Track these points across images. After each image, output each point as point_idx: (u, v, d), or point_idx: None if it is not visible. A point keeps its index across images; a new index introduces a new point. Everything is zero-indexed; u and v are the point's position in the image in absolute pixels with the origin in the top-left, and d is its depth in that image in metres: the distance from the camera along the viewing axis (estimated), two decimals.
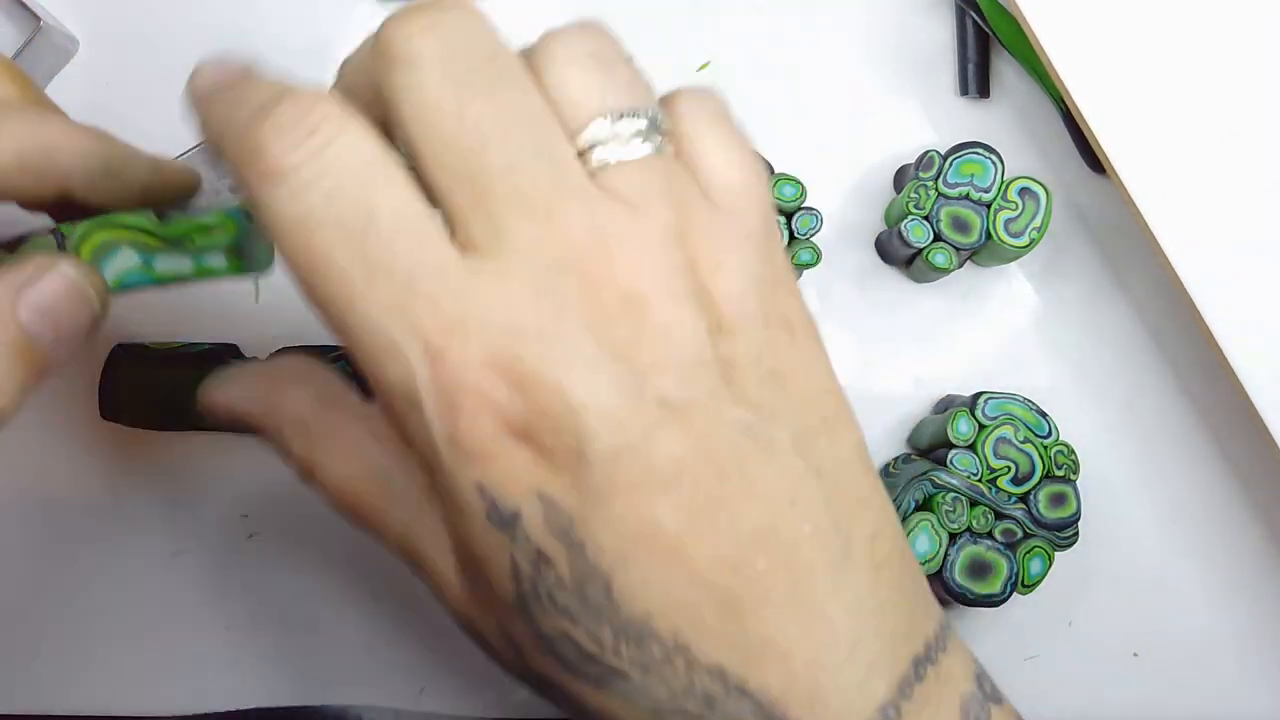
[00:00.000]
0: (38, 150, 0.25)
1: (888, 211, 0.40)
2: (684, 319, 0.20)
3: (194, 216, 0.26)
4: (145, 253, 0.26)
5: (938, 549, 0.34)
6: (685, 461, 0.19)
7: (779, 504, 0.20)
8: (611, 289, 0.19)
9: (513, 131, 0.20)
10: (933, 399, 0.39)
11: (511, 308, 0.19)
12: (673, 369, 0.20)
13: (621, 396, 0.19)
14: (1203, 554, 0.39)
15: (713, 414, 0.20)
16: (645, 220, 0.20)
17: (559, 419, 0.19)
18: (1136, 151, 0.34)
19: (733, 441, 0.20)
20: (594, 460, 0.19)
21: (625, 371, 0.19)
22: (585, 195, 0.20)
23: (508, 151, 0.20)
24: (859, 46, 0.40)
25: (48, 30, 0.39)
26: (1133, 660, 0.39)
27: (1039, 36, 0.35)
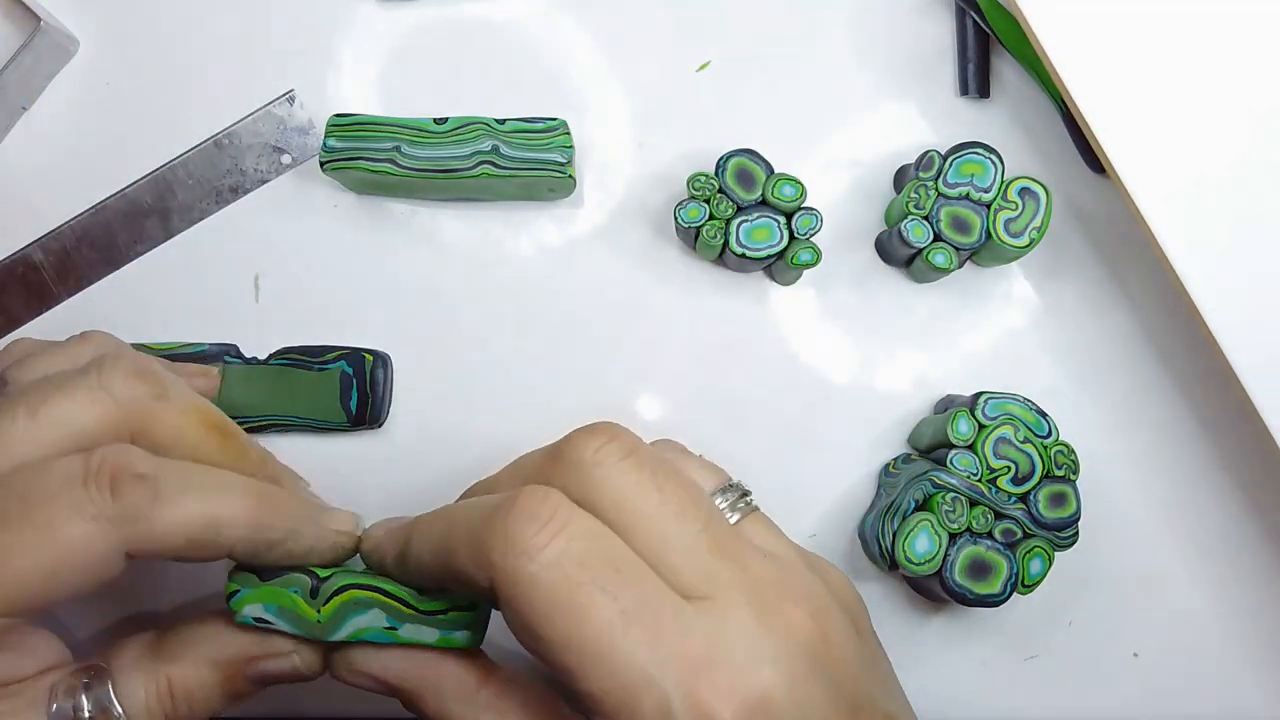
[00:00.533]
0: (208, 527, 0.27)
1: (888, 211, 0.40)
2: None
3: (449, 597, 0.29)
4: (394, 618, 0.28)
5: (938, 549, 0.34)
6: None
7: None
8: (797, 613, 0.26)
9: (697, 495, 0.27)
10: (933, 399, 0.39)
11: (742, 639, 0.25)
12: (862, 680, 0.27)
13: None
14: (1203, 554, 0.39)
15: None
16: (783, 565, 0.28)
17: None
18: (1136, 151, 0.34)
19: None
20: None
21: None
22: (752, 547, 0.28)
23: (702, 505, 0.27)
24: (859, 46, 0.40)
25: (48, 30, 0.39)
26: (1133, 660, 0.39)
27: (1039, 36, 0.35)
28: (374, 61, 0.41)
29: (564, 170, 0.37)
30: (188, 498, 0.26)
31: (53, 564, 0.25)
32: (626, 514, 0.26)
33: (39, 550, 0.25)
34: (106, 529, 0.25)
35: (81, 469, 0.26)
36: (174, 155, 0.40)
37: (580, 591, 0.24)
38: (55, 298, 0.40)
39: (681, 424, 0.39)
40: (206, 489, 0.27)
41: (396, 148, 0.37)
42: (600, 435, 0.27)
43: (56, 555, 0.25)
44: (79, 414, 0.27)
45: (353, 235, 0.40)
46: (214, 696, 0.29)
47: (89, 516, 0.25)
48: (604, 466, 0.26)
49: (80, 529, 0.25)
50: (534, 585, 0.24)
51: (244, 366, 0.39)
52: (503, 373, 0.40)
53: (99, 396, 0.27)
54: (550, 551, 0.24)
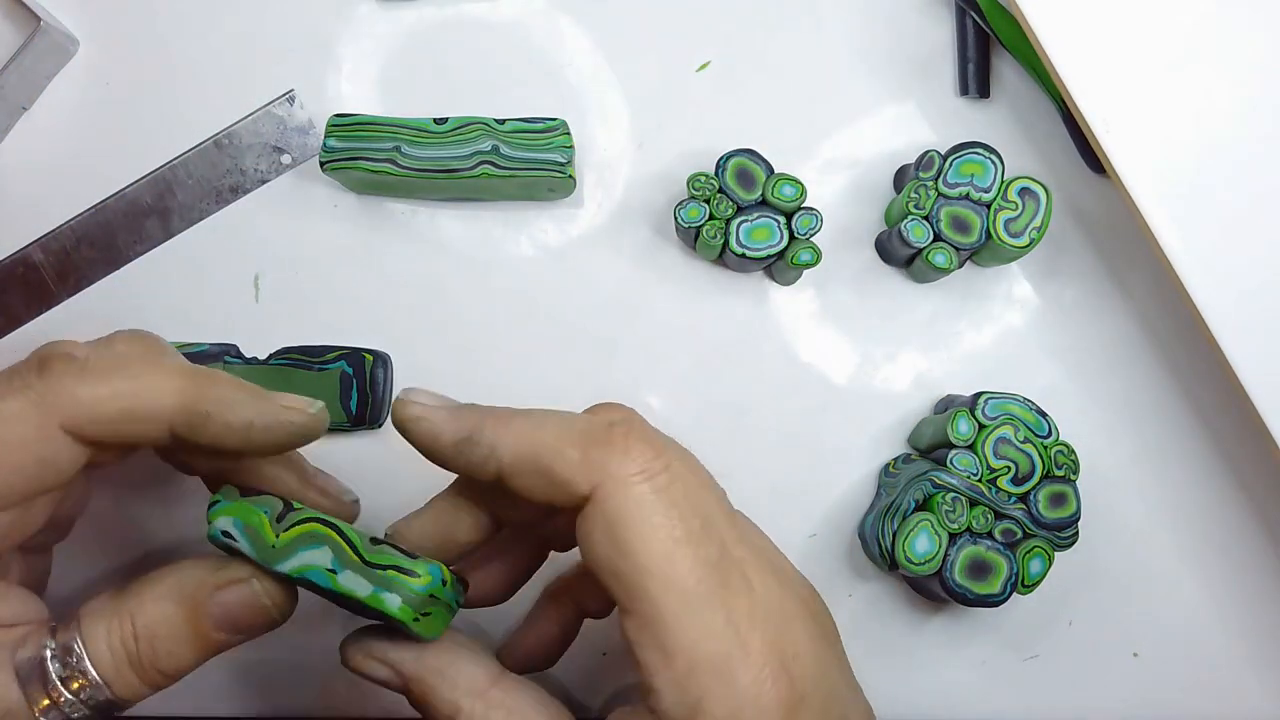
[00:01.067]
0: (138, 398, 0.28)
1: (888, 211, 0.40)
2: None
3: (404, 557, 0.28)
4: (339, 561, 0.28)
5: (938, 549, 0.34)
6: None
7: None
8: (802, 587, 0.30)
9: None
10: (933, 399, 0.39)
11: (775, 601, 0.27)
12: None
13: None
14: (1203, 554, 0.39)
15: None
16: None
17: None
18: (1136, 152, 0.34)
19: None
20: None
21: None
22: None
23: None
24: (859, 46, 0.40)
25: (48, 30, 0.39)
26: (1133, 660, 0.39)
27: (1039, 36, 0.35)
28: (374, 61, 0.41)
29: (564, 170, 0.37)
30: (115, 375, 0.28)
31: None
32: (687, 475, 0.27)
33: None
34: (35, 401, 0.26)
35: (20, 363, 0.27)
36: (174, 155, 0.40)
37: (680, 526, 0.25)
38: (55, 298, 0.40)
39: (681, 424, 0.39)
40: (136, 368, 0.28)
41: (396, 148, 0.37)
42: (623, 410, 0.28)
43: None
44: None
45: (353, 235, 0.40)
46: (180, 639, 0.28)
47: (18, 390, 0.26)
48: (634, 479, 0.27)
49: (12, 404, 0.26)
50: (642, 503, 0.25)
51: (244, 366, 0.39)
52: (503, 372, 0.40)
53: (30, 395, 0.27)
54: (662, 479, 0.26)
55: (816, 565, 0.39)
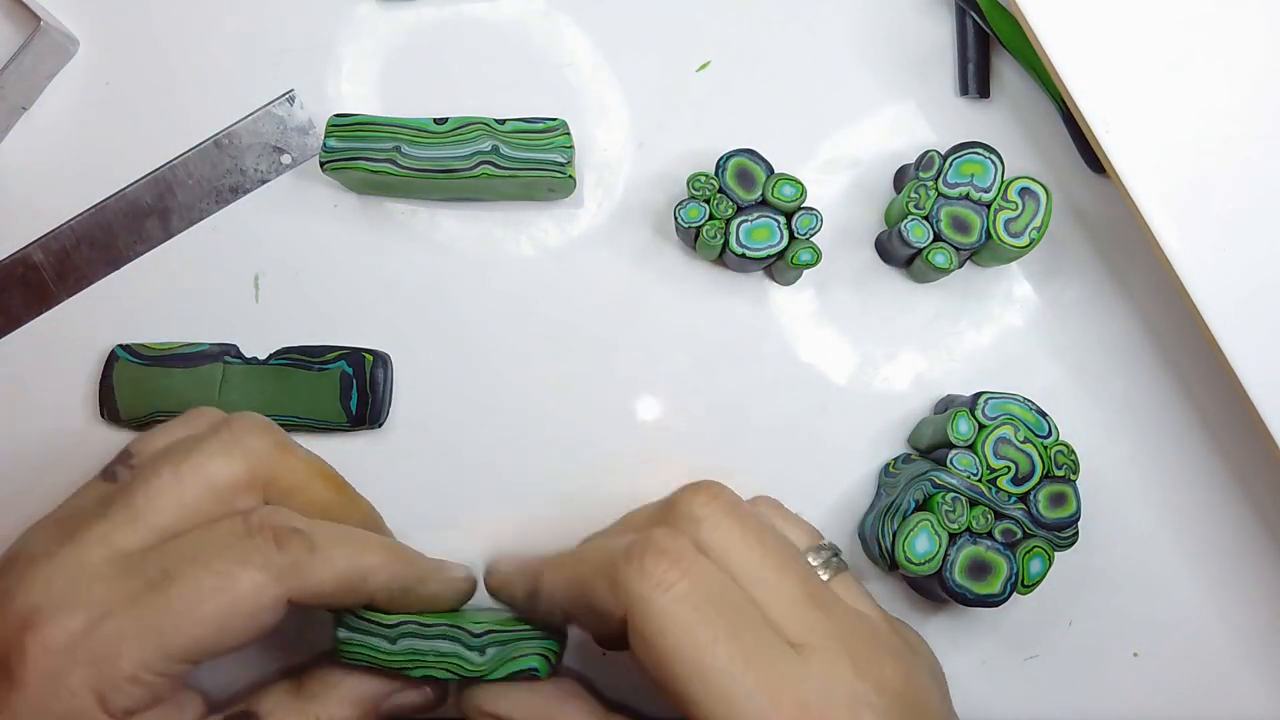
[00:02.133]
0: (356, 576, 0.30)
1: (888, 211, 0.40)
2: None
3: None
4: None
5: (938, 549, 0.34)
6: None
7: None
8: (889, 668, 0.29)
9: (794, 554, 0.30)
10: (933, 399, 0.39)
11: (843, 688, 0.27)
12: None
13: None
14: (1203, 554, 0.39)
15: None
16: (870, 621, 0.31)
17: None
18: (1137, 152, 0.34)
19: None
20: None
21: None
22: (842, 602, 0.30)
23: (799, 562, 0.30)
24: (859, 46, 0.40)
25: (48, 30, 0.39)
26: (1133, 660, 0.39)
27: (1039, 36, 0.35)
28: (374, 61, 0.41)
29: (564, 170, 0.37)
30: (338, 550, 0.29)
31: (227, 612, 0.27)
32: (734, 565, 0.28)
33: (216, 599, 0.27)
34: (273, 577, 0.28)
35: (243, 526, 0.28)
36: (174, 155, 0.40)
37: (707, 627, 0.26)
38: (55, 298, 0.40)
39: (681, 424, 0.39)
40: (352, 543, 0.30)
41: (396, 148, 0.37)
42: (706, 491, 0.30)
43: (231, 603, 0.27)
44: (218, 468, 0.29)
45: (353, 235, 0.40)
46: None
47: (258, 566, 0.28)
48: (712, 520, 0.29)
49: (252, 578, 0.27)
50: (665, 616, 0.26)
51: (244, 366, 0.39)
52: (503, 372, 0.40)
53: (233, 451, 0.29)
54: (681, 587, 0.27)
55: None
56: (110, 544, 0.28)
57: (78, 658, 0.26)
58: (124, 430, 0.39)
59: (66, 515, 0.29)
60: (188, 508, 0.28)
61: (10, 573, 0.28)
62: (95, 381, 0.40)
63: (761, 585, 0.28)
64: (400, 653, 0.31)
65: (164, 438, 0.31)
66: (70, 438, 0.40)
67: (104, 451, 0.39)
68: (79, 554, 0.27)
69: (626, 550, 0.28)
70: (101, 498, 0.29)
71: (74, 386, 0.40)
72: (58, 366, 0.40)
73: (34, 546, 0.28)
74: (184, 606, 0.27)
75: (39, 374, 0.40)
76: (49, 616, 0.26)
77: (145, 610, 0.27)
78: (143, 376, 0.39)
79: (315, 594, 0.29)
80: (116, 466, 0.31)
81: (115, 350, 0.39)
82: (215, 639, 0.27)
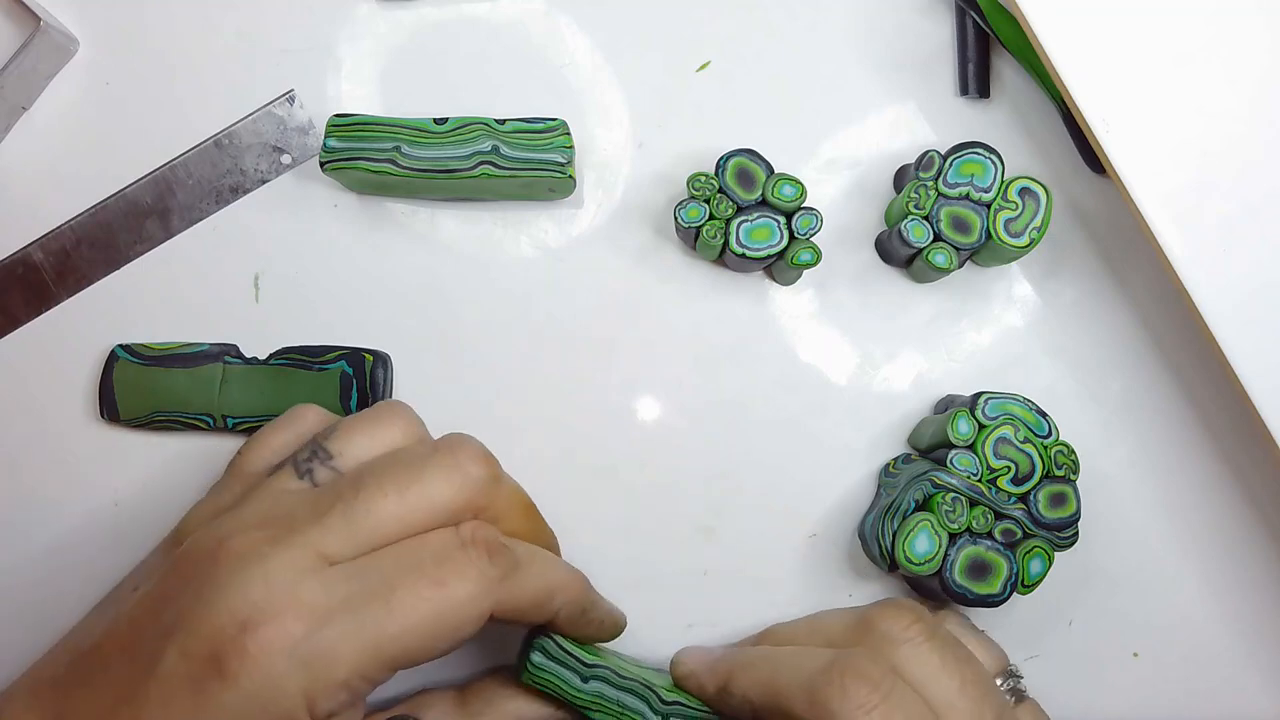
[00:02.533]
0: (547, 594, 0.31)
1: (888, 211, 0.40)
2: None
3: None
4: None
5: (938, 549, 0.34)
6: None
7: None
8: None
9: (990, 683, 0.31)
10: (933, 399, 0.39)
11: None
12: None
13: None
14: (1203, 554, 0.39)
15: None
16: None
17: None
18: (1136, 152, 0.34)
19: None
20: None
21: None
22: None
23: (994, 692, 0.31)
24: (859, 46, 0.40)
25: (48, 30, 0.39)
26: (1133, 660, 0.39)
27: (1039, 36, 0.35)
28: (374, 61, 0.41)
29: (564, 170, 0.37)
30: (534, 568, 0.31)
31: (441, 621, 0.28)
32: (929, 693, 0.30)
33: (434, 604, 0.28)
34: (486, 587, 0.29)
35: (456, 539, 0.29)
36: (174, 155, 0.40)
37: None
38: (55, 298, 0.40)
39: (681, 424, 0.39)
40: (544, 561, 0.32)
41: (396, 148, 0.37)
42: (908, 614, 0.31)
43: (447, 612, 0.28)
44: (441, 493, 0.29)
45: (353, 235, 0.40)
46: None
47: (473, 576, 0.29)
48: (912, 644, 0.30)
49: (467, 589, 0.28)
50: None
51: (244, 366, 0.39)
52: (503, 373, 0.40)
53: (455, 477, 0.30)
54: (881, 712, 0.28)
55: (816, 565, 0.39)
56: (323, 550, 0.28)
57: (296, 661, 0.26)
58: (124, 430, 0.39)
59: (270, 514, 0.29)
60: (407, 529, 0.29)
61: (216, 568, 0.27)
62: (95, 381, 0.40)
63: (955, 714, 0.30)
64: (588, 693, 0.33)
65: (366, 439, 0.31)
66: (70, 438, 0.40)
67: (104, 451, 0.39)
68: (293, 557, 0.27)
69: (828, 669, 0.30)
70: (310, 501, 0.29)
71: (74, 386, 0.40)
72: (58, 366, 0.40)
73: (237, 543, 0.28)
74: (402, 615, 0.27)
75: (39, 374, 0.40)
76: (271, 618, 0.26)
77: (366, 617, 0.27)
78: (143, 376, 0.39)
79: (515, 608, 0.30)
80: (314, 465, 0.31)
81: (115, 350, 0.39)
82: (426, 647, 0.28)
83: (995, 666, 0.34)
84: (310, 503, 0.29)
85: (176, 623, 0.27)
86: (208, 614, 0.26)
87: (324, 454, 0.31)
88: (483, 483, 0.30)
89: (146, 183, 0.40)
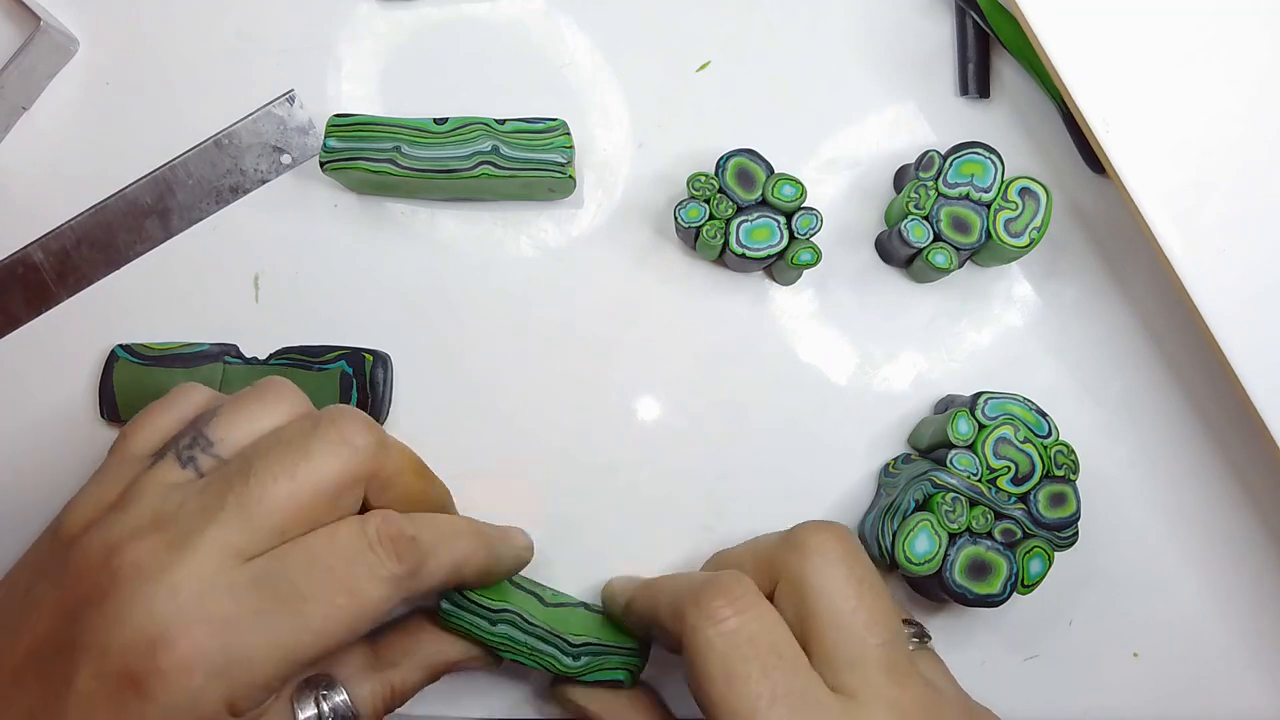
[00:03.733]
0: (454, 573, 0.32)
1: (888, 211, 0.40)
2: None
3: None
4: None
5: (938, 549, 0.34)
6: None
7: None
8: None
9: (889, 616, 0.30)
10: (933, 399, 0.39)
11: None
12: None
13: None
14: (1203, 554, 0.39)
15: None
16: (942, 698, 0.31)
17: None
18: (1136, 152, 0.34)
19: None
20: None
21: None
22: (918, 674, 0.30)
23: (890, 626, 0.30)
24: (859, 46, 0.40)
25: (48, 30, 0.39)
26: (1133, 660, 0.39)
27: (1039, 36, 0.35)
28: (374, 61, 0.41)
29: (564, 170, 0.37)
30: (441, 549, 0.31)
31: (355, 623, 0.29)
32: (821, 603, 0.30)
33: (348, 612, 0.28)
34: (396, 588, 0.29)
35: (364, 540, 0.29)
36: (174, 155, 0.40)
37: (742, 663, 0.28)
38: (55, 298, 0.40)
39: (681, 424, 0.39)
40: (449, 538, 0.32)
41: (396, 148, 0.37)
42: (832, 530, 0.31)
43: (361, 614, 0.29)
44: (330, 469, 0.29)
45: (353, 235, 0.40)
46: (419, 686, 0.35)
47: (384, 578, 0.29)
48: (823, 555, 0.30)
49: (379, 591, 0.29)
50: (708, 647, 0.29)
51: (244, 366, 0.39)
52: (503, 373, 0.40)
53: (342, 451, 0.29)
54: (728, 624, 0.29)
55: None
56: (226, 549, 0.27)
57: (212, 673, 0.26)
58: None
59: (160, 513, 0.28)
60: (303, 510, 0.29)
61: (117, 583, 0.27)
62: (95, 381, 0.40)
63: (838, 630, 0.29)
64: (497, 635, 0.35)
65: (247, 422, 0.31)
66: (70, 438, 0.40)
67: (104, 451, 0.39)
68: (197, 565, 0.27)
69: (695, 585, 0.30)
70: (199, 495, 0.28)
71: (74, 386, 0.40)
72: (58, 366, 0.40)
73: (133, 552, 0.27)
74: (317, 624, 0.28)
75: (39, 374, 0.40)
76: (181, 634, 0.26)
77: (279, 625, 0.27)
78: (143, 376, 0.39)
79: (425, 594, 0.31)
80: (196, 453, 0.30)
81: (115, 350, 0.39)
82: (341, 645, 0.29)
83: (902, 612, 0.34)
84: (199, 497, 0.28)
85: (86, 641, 0.26)
86: (117, 633, 0.26)
87: (204, 441, 0.30)
88: (370, 451, 0.30)
89: (146, 183, 0.40)
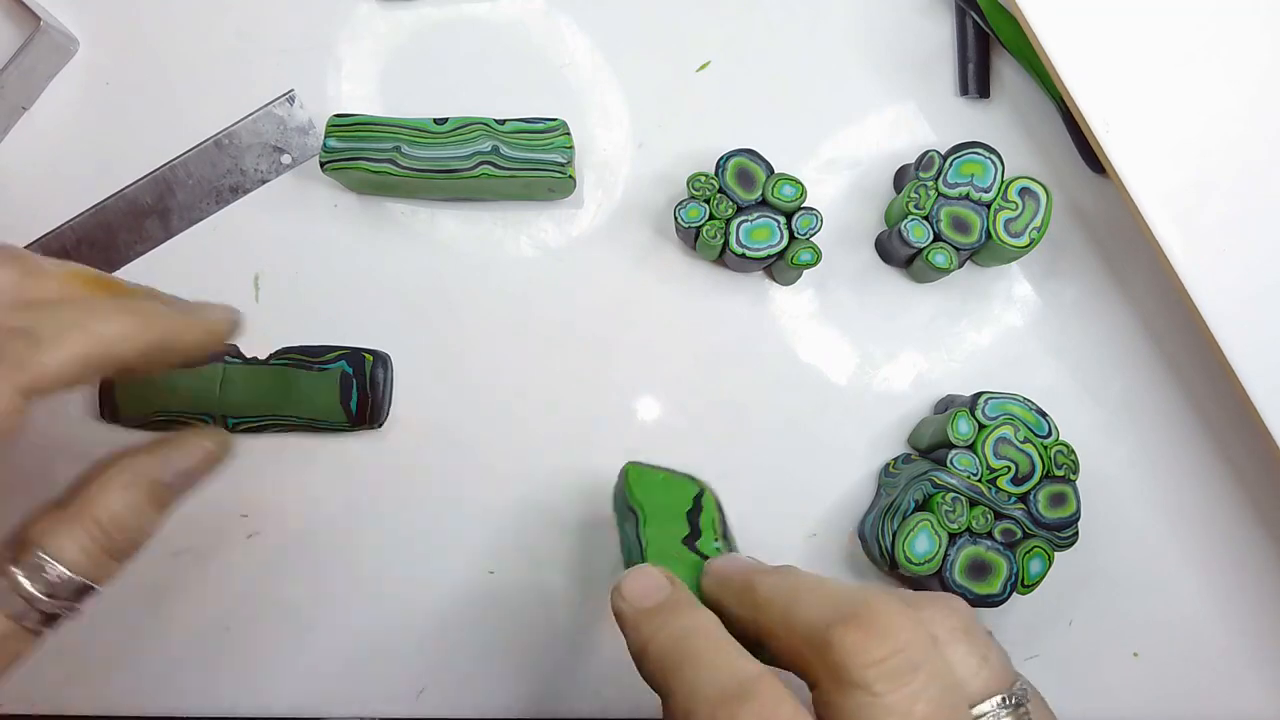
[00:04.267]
0: (98, 353, 0.28)
1: (888, 211, 0.40)
2: None
3: None
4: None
5: (938, 549, 0.34)
6: None
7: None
8: None
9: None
10: (933, 399, 0.39)
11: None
12: None
13: None
14: (1203, 554, 0.39)
15: None
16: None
17: None
18: (1136, 152, 0.34)
19: None
20: None
21: None
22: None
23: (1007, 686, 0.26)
24: (859, 47, 0.40)
25: (48, 30, 0.39)
26: (1133, 660, 0.39)
27: (1039, 36, 0.35)
28: (374, 61, 0.41)
29: (564, 170, 0.37)
30: (69, 335, 0.28)
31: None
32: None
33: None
34: (14, 387, 0.27)
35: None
36: (174, 155, 0.40)
37: None
38: None
39: (681, 424, 0.39)
40: (85, 322, 0.28)
41: (396, 148, 0.37)
42: (878, 646, 0.24)
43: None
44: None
45: (353, 235, 0.40)
46: (146, 513, 0.30)
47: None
48: (868, 691, 0.23)
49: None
50: (860, 709, 0.22)
51: (244, 366, 0.39)
52: (503, 372, 0.40)
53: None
54: (897, 697, 0.22)
55: (816, 565, 0.39)
56: None
57: None
58: (124, 430, 0.39)
59: None
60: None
61: None
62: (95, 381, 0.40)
63: (979, 681, 0.26)
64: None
65: None
66: (70, 438, 0.40)
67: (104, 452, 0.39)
68: None
69: (841, 609, 0.24)
70: None
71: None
72: None
73: None
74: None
75: None
76: None
77: None
78: (143, 376, 0.39)
79: (55, 383, 0.28)
80: None
81: None
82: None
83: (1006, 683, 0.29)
84: None
85: None
86: None
87: None
88: (13, 287, 0.29)
89: (146, 183, 0.40)
